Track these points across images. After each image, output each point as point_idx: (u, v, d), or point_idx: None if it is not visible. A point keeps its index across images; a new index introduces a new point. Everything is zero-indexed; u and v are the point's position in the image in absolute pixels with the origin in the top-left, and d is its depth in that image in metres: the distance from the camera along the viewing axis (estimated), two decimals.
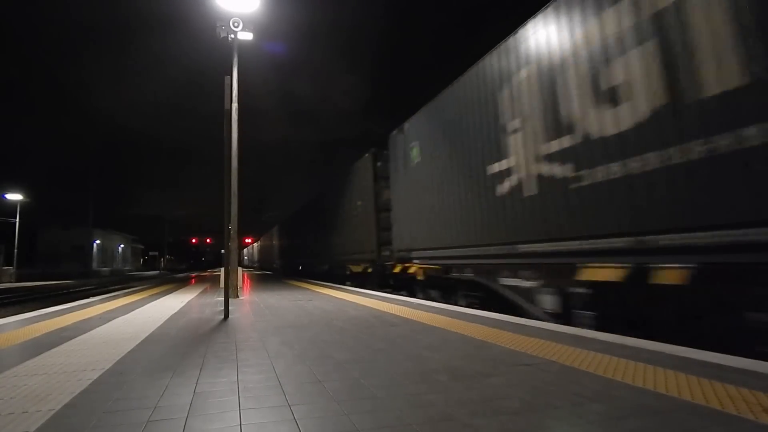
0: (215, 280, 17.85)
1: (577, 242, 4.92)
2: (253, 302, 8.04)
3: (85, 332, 4.87)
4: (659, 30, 4.06)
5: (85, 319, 6.05)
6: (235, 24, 9.70)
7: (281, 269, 31.95)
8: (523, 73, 5.96)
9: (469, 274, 7.25)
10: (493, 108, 6.59)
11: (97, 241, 52.53)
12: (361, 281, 13.19)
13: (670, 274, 3.90)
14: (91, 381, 2.83)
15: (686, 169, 3.78)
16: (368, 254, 12.24)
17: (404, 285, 10.35)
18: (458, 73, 7.55)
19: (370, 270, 12.37)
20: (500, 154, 6.40)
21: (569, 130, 5.11)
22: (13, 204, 36.37)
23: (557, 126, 5.31)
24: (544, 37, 5.58)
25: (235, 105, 9.23)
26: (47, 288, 24.91)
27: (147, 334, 4.63)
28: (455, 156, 7.71)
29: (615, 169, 4.46)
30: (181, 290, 12.35)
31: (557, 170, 5.26)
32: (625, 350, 3.26)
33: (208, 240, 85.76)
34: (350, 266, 14.32)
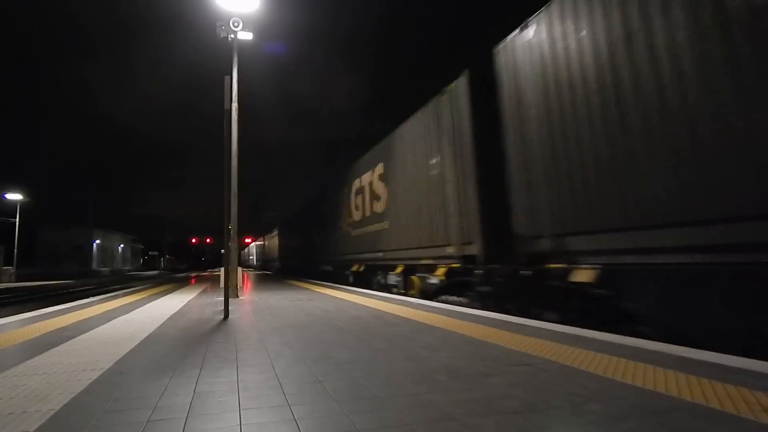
0: (215, 280, 17.85)
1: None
2: (253, 302, 8.04)
3: (85, 332, 4.87)
4: None
5: (84, 319, 6.05)
6: (235, 24, 9.70)
7: (281, 269, 31.96)
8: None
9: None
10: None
11: (97, 241, 52.55)
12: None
13: None
14: (91, 381, 2.83)
15: None
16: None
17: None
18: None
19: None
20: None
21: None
22: (13, 204, 36.39)
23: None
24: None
25: (235, 105, 9.22)
26: (47, 288, 24.91)
27: (147, 334, 4.62)
28: None
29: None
30: (180, 290, 12.36)
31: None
32: (625, 350, 3.26)
33: (208, 240, 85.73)
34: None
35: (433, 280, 8.15)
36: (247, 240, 65.29)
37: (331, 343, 3.90)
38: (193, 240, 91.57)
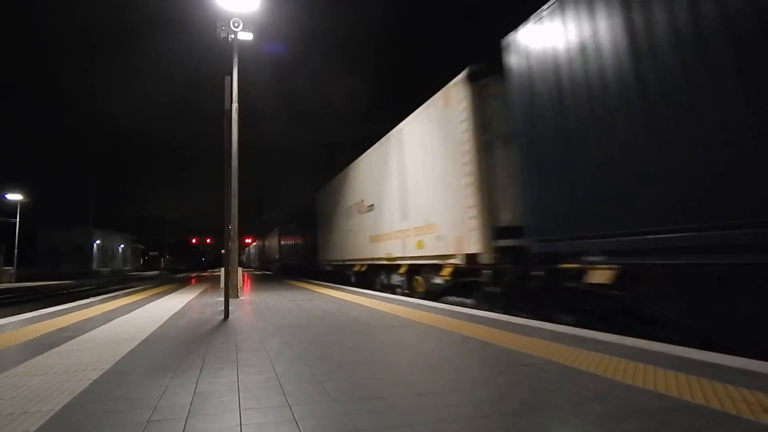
0: (215, 280, 17.85)
1: None
2: (253, 302, 8.04)
3: (85, 332, 4.87)
4: None
5: (85, 320, 6.05)
6: (235, 24, 9.70)
7: (282, 270, 31.95)
8: None
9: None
10: None
11: (98, 242, 52.58)
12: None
13: None
14: (91, 381, 2.83)
15: None
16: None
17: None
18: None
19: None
20: None
21: None
22: (13, 204, 36.41)
23: None
24: None
25: (235, 105, 9.23)
26: (47, 288, 24.91)
27: (147, 335, 4.63)
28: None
29: None
30: (181, 290, 12.35)
31: None
32: (625, 350, 3.26)
33: (208, 240, 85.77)
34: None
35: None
36: (247, 240, 65.25)
37: (331, 344, 3.90)
38: (194, 240, 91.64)
